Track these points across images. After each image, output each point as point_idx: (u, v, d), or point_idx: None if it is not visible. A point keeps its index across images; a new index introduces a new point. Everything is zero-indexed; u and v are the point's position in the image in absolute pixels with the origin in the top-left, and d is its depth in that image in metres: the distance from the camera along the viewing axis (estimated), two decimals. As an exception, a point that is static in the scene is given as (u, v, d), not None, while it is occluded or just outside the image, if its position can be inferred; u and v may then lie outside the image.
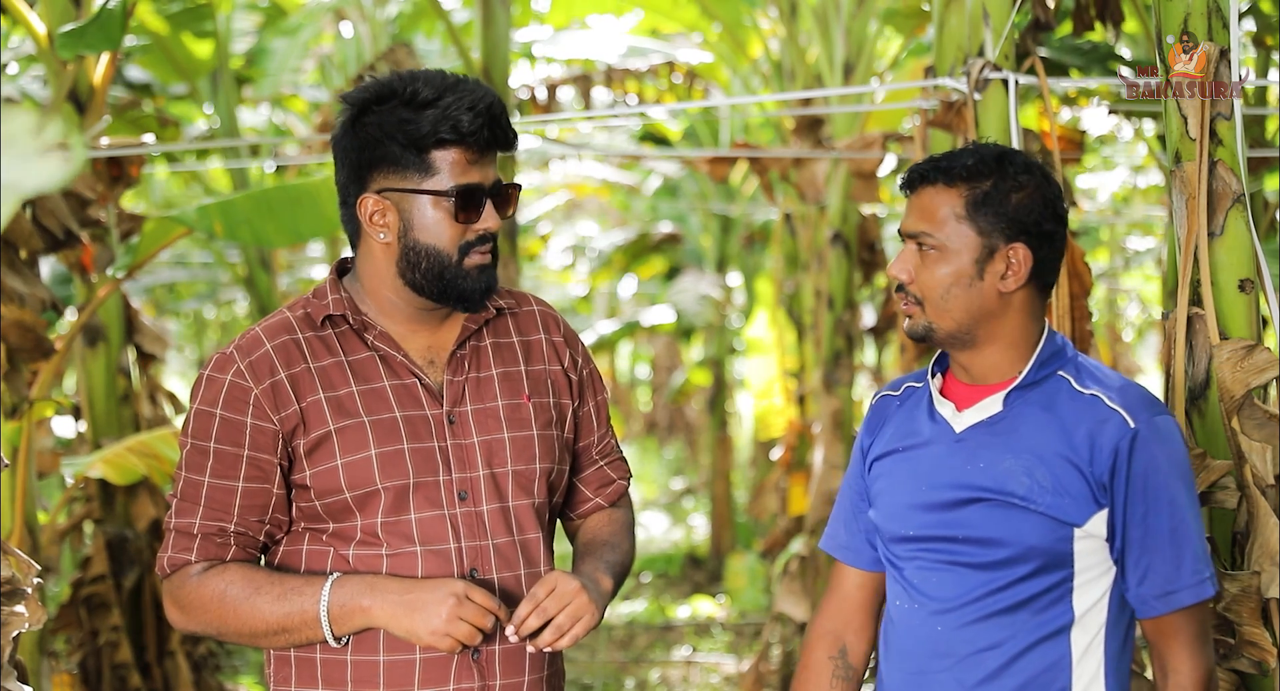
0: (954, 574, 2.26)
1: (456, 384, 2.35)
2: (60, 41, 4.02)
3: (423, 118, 2.24)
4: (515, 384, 2.39)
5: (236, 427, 2.28)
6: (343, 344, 2.33)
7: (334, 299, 2.34)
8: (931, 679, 2.27)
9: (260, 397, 2.28)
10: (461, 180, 2.26)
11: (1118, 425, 2.22)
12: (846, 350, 6.83)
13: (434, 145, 2.25)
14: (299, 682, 2.32)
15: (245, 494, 2.29)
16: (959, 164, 2.25)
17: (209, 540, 2.29)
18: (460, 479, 2.31)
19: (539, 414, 2.39)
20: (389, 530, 2.28)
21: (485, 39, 6.60)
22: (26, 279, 4.29)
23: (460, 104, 2.24)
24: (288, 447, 2.29)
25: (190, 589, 2.29)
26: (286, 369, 2.29)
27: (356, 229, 2.33)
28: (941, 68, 3.74)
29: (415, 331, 2.36)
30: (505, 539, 2.33)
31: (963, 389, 2.34)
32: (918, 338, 2.29)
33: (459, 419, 2.33)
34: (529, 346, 2.44)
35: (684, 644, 8.68)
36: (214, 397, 2.29)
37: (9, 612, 2.63)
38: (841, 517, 2.49)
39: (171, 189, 11.17)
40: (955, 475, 2.28)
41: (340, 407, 2.29)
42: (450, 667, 2.28)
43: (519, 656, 2.32)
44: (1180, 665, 2.25)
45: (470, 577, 2.29)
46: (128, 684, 5.20)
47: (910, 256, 2.28)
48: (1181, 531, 2.23)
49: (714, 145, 9.84)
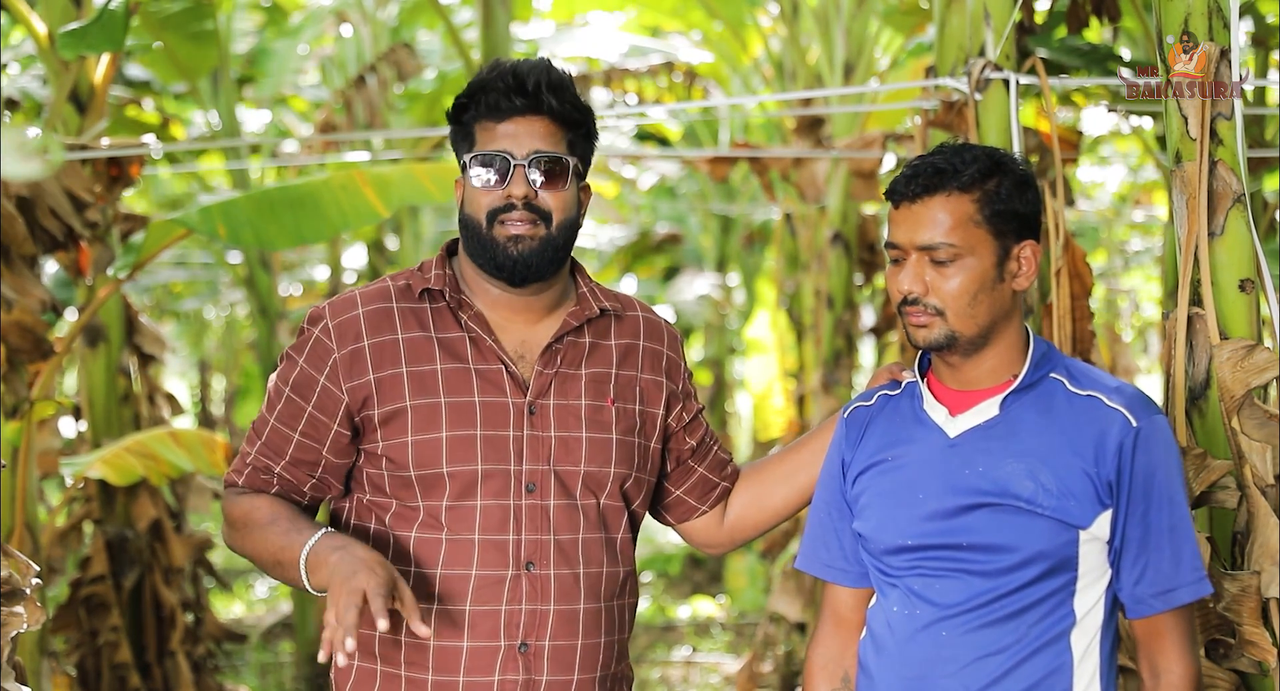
0: (959, 581, 2.24)
1: (545, 376, 2.35)
2: (61, 41, 4.02)
3: (469, 91, 2.33)
4: (602, 386, 2.39)
5: (309, 383, 2.34)
6: (435, 320, 2.36)
7: (436, 274, 2.37)
8: (934, 685, 2.24)
9: (339, 361, 2.32)
10: (487, 147, 2.31)
11: (1121, 424, 2.21)
12: (846, 350, 6.83)
13: (473, 119, 2.33)
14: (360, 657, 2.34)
15: (299, 446, 2.35)
16: (967, 169, 2.22)
17: (256, 473, 2.38)
18: (530, 470, 2.32)
19: (620, 419, 2.39)
20: (452, 515, 2.30)
21: (485, 39, 6.60)
22: (26, 280, 4.29)
23: (503, 78, 2.30)
24: (354, 418, 2.33)
25: (230, 504, 2.38)
26: (373, 336, 2.33)
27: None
28: (942, 68, 3.74)
29: (511, 321, 2.38)
30: (568, 536, 2.33)
31: (951, 394, 2.31)
32: (937, 347, 2.25)
33: (540, 411, 2.34)
34: (626, 351, 2.44)
35: (684, 644, 8.68)
36: (300, 347, 2.37)
37: (8, 613, 2.63)
38: (821, 536, 2.42)
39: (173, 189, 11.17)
40: (953, 481, 2.25)
41: (421, 383, 2.31)
42: (496, 658, 2.28)
43: (569, 653, 2.32)
44: (1172, 665, 2.24)
45: (527, 570, 2.29)
46: (127, 684, 5.20)
47: (921, 268, 2.23)
48: (1180, 529, 2.23)
49: (714, 145, 9.84)
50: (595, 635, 2.35)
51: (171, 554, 5.29)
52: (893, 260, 2.28)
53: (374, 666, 2.34)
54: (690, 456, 2.52)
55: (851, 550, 2.39)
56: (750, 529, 2.57)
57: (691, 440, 2.52)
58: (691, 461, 2.53)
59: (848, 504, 2.38)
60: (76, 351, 5.28)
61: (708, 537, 2.59)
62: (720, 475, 2.55)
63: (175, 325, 15.93)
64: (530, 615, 2.30)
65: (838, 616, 2.42)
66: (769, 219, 10.63)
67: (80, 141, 4.51)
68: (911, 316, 2.25)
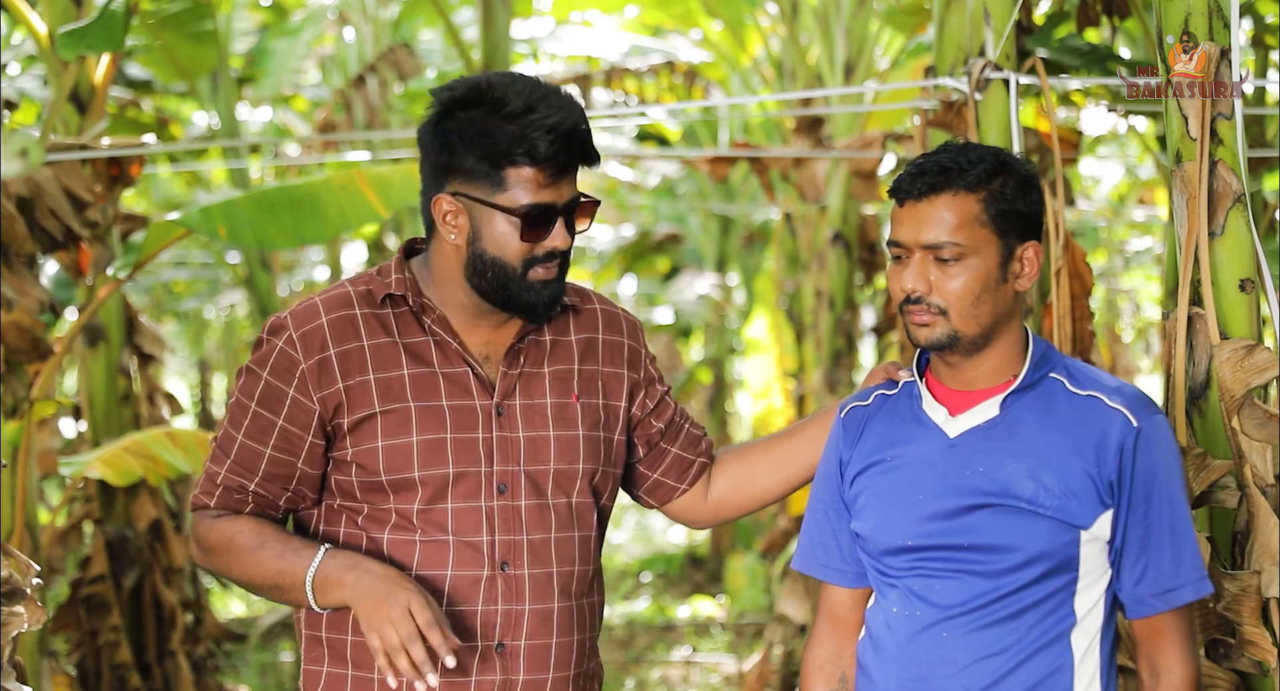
0: (960, 581, 2.23)
1: (510, 377, 2.35)
2: (61, 41, 4.02)
3: (501, 133, 2.22)
4: (565, 383, 2.38)
5: (277, 396, 2.30)
6: (399, 325, 2.33)
7: (397, 278, 2.34)
8: (934, 685, 2.24)
9: (307, 372, 2.29)
10: (533, 200, 2.24)
11: (1122, 424, 2.21)
12: (846, 350, 6.83)
13: (508, 163, 2.23)
14: (330, 663, 2.34)
15: (271, 461, 2.32)
16: (974, 168, 2.21)
17: (229, 493, 2.34)
18: (501, 471, 2.32)
19: (586, 414, 2.39)
20: (424, 518, 2.29)
21: (485, 39, 6.60)
22: (26, 280, 4.29)
23: (541, 124, 2.21)
24: (325, 427, 2.31)
25: (204, 529, 2.34)
26: (338, 345, 2.30)
27: (431, 222, 2.33)
28: (942, 67, 3.74)
29: (474, 323, 2.35)
30: (540, 535, 2.33)
31: (951, 394, 2.31)
32: (939, 346, 2.24)
33: (507, 412, 2.33)
34: (587, 345, 2.43)
35: (684, 644, 8.67)
36: (263, 360, 2.32)
37: (8, 613, 2.63)
38: (818, 537, 2.41)
39: (173, 189, 11.17)
40: (953, 481, 2.24)
41: (388, 389, 2.29)
42: (473, 658, 2.29)
43: (544, 652, 2.32)
44: (1172, 665, 2.24)
45: (501, 570, 2.30)
46: (127, 684, 5.20)
47: (925, 267, 2.22)
48: (1180, 529, 2.23)
49: (714, 145, 9.84)
50: (569, 633, 2.35)
51: (171, 554, 5.29)
52: (895, 258, 2.27)
53: (345, 671, 2.33)
54: (662, 438, 2.52)
55: (849, 550, 2.38)
56: (734, 510, 2.58)
57: (659, 422, 2.51)
58: (664, 443, 2.52)
59: (845, 504, 2.38)
60: (76, 351, 5.28)
61: (691, 515, 2.59)
62: (695, 452, 2.55)
63: (175, 325, 15.93)
64: (506, 615, 2.30)
65: (835, 616, 2.41)
66: (769, 219, 10.62)
67: (80, 141, 4.50)
68: (914, 315, 2.24)
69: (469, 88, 2.28)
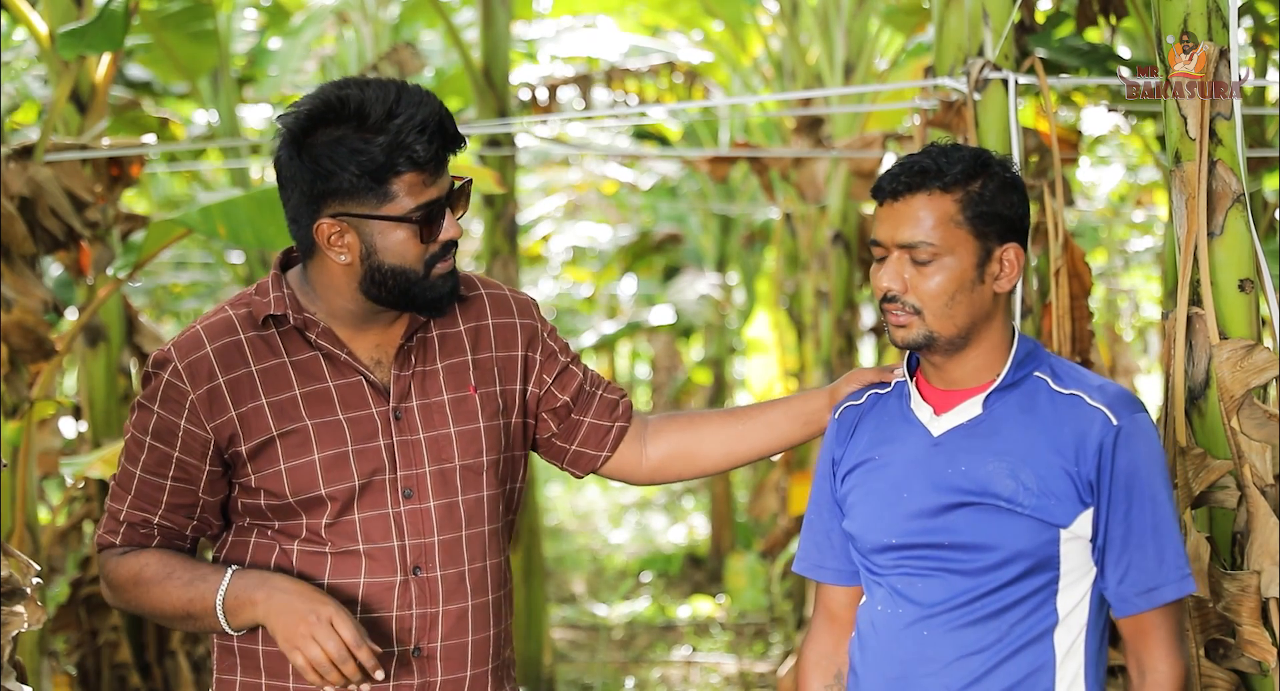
0: (941, 579, 2.25)
1: (403, 379, 2.33)
2: (62, 41, 4.02)
3: (374, 146, 2.18)
4: (461, 376, 2.36)
5: (170, 428, 2.28)
6: (285, 344, 2.30)
7: (276, 297, 2.31)
8: (915, 684, 2.25)
9: (196, 402, 2.27)
10: (420, 201, 2.22)
11: (1102, 423, 2.22)
12: (846, 350, 6.83)
13: (393, 175, 2.20)
14: (243, 672, 2.33)
15: (172, 492, 2.30)
16: (951, 169, 2.22)
17: (133, 528, 2.33)
18: (405, 476, 2.30)
19: (485, 405, 2.37)
20: (333, 531, 2.28)
21: (485, 39, 6.60)
22: (27, 280, 4.29)
23: (410, 126, 2.18)
24: (223, 455, 2.29)
25: (111, 567, 2.32)
26: (226, 373, 2.27)
27: (310, 246, 2.29)
28: (941, 67, 3.74)
29: (361, 330, 2.33)
30: (451, 535, 2.32)
31: (937, 393, 2.32)
32: (916, 346, 2.26)
33: (405, 415, 2.32)
34: (477, 333, 2.41)
35: (684, 644, 8.67)
36: (152, 395, 2.30)
37: (8, 613, 2.63)
38: (814, 538, 2.44)
39: (173, 189, 11.17)
40: (936, 480, 2.25)
41: (283, 412, 2.27)
42: (390, 665, 2.28)
43: (461, 651, 2.32)
44: (1158, 663, 2.24)
45: (414, 575, 2.29)
46: (127, 684, 5.20)
47: (901, 266, 2.24)
48: (1163, 528, 2.23)
49: (714, 145, 9.84)
50: (484, 629, 2.35)
51: (172, 553, 5.28)
52: (876, 258, 2.29)
53: (258, 680, 2.32)
54: (572, 411, 2.50)
55: (843, 549, 2.40)
56: (674, 476, 2.56)
57: (564, 395, 2.48)
58: (576, 414, 2.50)
59: (837, 503, 2.39)
60: (77, 351, 5.28)
61: (626, 475, 2.56)
62: (610, 418, 2.53)
63: (175, 325, 15.92)
64: (421, 619, 2.30)
65: (830, 614, 2.44)
66: (769, 219, 10.62)
67: (81, 141, 4.51)
68: (891, 315, 2.26)
69: (319, 108, 2.23)
